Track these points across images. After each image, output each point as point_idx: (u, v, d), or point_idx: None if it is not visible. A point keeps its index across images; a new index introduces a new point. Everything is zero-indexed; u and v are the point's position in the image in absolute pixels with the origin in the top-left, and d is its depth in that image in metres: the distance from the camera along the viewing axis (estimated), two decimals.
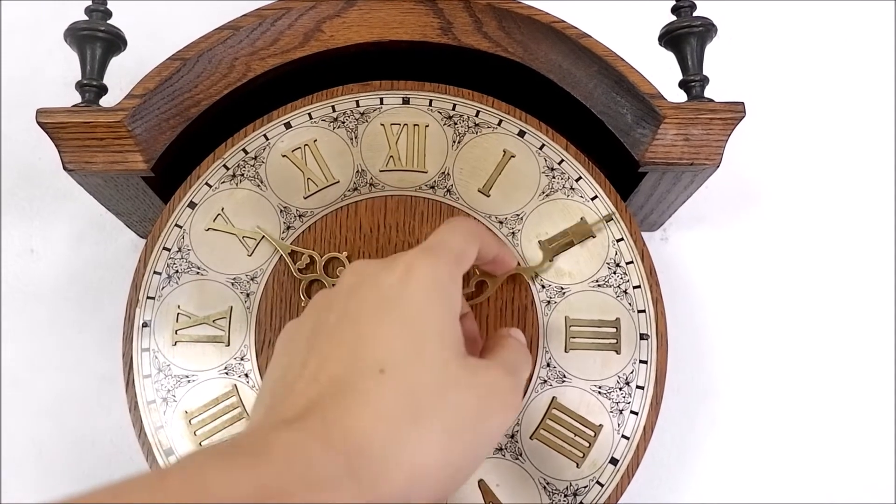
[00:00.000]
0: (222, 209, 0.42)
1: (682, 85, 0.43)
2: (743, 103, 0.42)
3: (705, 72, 0.43)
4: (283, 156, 0.43)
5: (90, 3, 0.43)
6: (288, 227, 0.42)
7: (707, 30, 0.43)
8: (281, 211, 0.42)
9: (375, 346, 0.28)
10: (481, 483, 0.39)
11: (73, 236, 0.52)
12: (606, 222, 0.41)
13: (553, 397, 0.40)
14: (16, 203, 0.53)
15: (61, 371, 0.51)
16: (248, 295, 0.41)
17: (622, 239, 0.42)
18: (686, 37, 0.43)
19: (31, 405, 0.51)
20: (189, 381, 0.40)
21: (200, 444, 0.39)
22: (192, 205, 0.42)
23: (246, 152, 0.43)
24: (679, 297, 0.49)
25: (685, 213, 0.51)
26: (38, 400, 0.51)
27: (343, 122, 0.43)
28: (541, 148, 0.43)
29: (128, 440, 0.50)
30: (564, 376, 0.40)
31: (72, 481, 0.50)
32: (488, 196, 0.42)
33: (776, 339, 0.53)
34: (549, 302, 0.41)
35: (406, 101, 0.43)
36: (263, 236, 0.41)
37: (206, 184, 0.42)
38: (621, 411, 0.40)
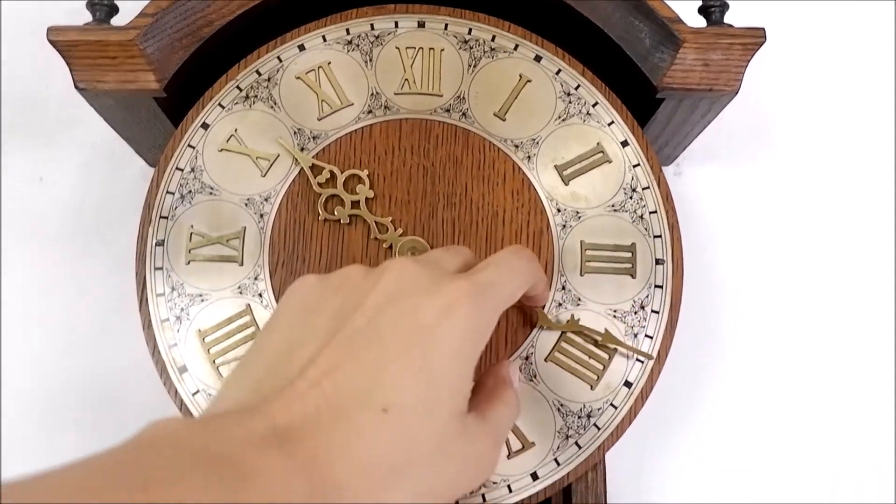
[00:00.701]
0: (235, 130, 0.41)
1: (702, 11, 0.43)
2: (763, 29, 0.41)
3: None
4: (297, 77, 0.42)
5: None
6: (302, 149, 0.41)
7: None
8: (294, 133, 0.41)
9: (390, 380, 0.26)
10: None
11: (81, 165, 0.52)
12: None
13: (568, 320, 0.40)
14: (24, 131, 0.52)
15: (70, 298, 0.51)
16: (261, 215, 0.40)
17: (638, 164, 0.42)
18: None
19: (41, 332, 0.51)
20: (202, 300, 0.40)
21: (214, 362, 0.39)
22: (204, 125, 0.41)
23: (259, 74, 0.42)
24: (691, 231, 0.49)
25: (699, 147, 0.51)
26: (47, 326, 0.51)
27: (357, 45, 0.43)
28: (557, 73, 0.42)
29: (139, 366, 0.50)
30: (579, 299, 0.40)
31: (82, 409, 0.50)
32: (504, 120, 0.42)
33: (786, 274, 0.53)
34: (564, 226, 0.41)
35: (421, 25, 0.43)
36: (278, 156, 0.41)
37: (219, 105, 0.42)
38: (636, 335, 0.40)
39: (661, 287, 0.40)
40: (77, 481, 0.20)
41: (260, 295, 0.40)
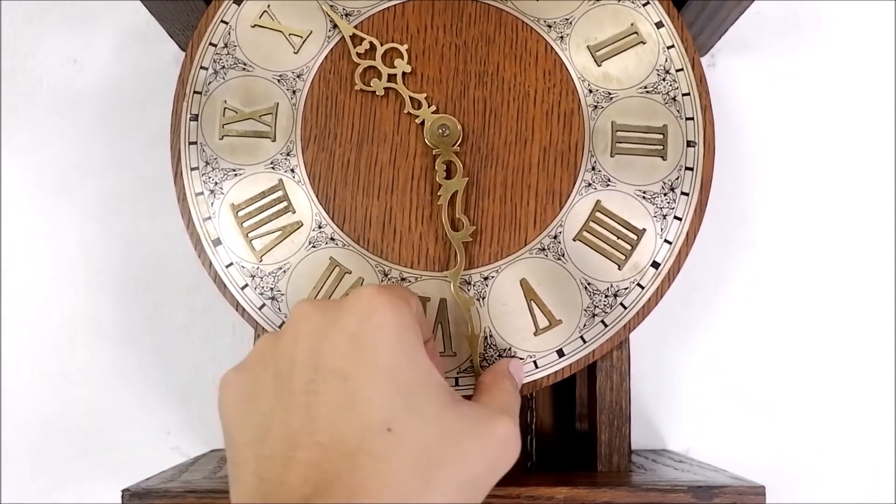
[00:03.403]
0: (268, 6, 0.41)
1: None
2: None
3: None
4: None
5: None
6: (334, 26, 0.41)
7: None
8: (329, 8, 0.41)
9: (373, 403, 0.27)
10: (523, 282, 0.40)
11: (114, 47, 0.52)
12: None
13: (597, 200, 0.40)
14: (57, 12, 0.53)
15: (106, 176, 0.52)
16: (293, 92, 0.41)
17: (673, 46, 0.41)
18: None
19: (78, 210, 0.52)
20: (236, 175, 0.40)
21: (248, 235, 0.40)
22: (237, 1, 0.41)
23: None
24: (724, 123, 0.48)
25: (733, 38, 0.50)
26: (84, 203, 0.52)
27: None
28: None
29: (174, 242, 0.51)
30: (609, 180, 0.40)
31: (121, 281, 0.52)
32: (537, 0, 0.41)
33: (818, 168, 0.53)
34: (595, 106, 0.41)
35: None
36: (311, 32, 0.41)
37: None
38: (665, 216, 0.40)
39: (691, 169, 0.40)
40: None
41: (292, 170, 0.40)
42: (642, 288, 0.40)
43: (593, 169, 0.40)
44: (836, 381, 0.52)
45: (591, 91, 0.41)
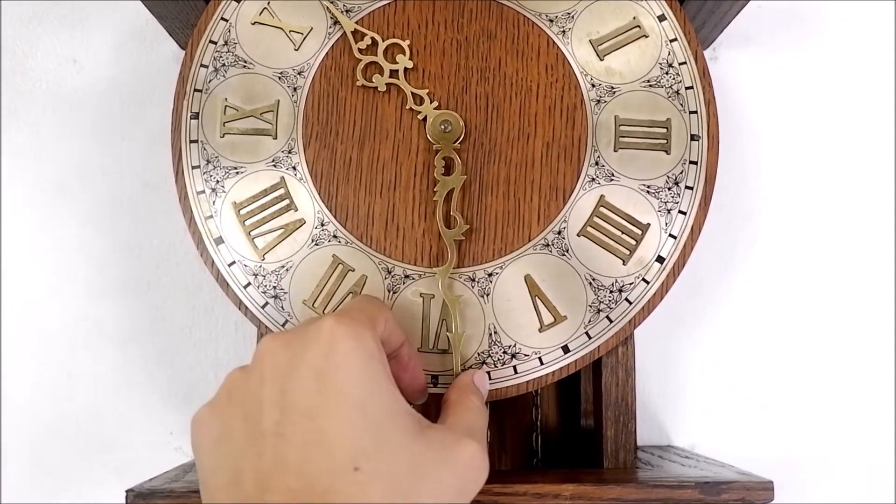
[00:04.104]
0: (268, 3, 0.41)
1: None
2: None
3: None
4: None
5: None
6: (335, 23, 0.41)
7: None
8: (327, 6, 0.41)
9: (340, 441, 0.27)
10: (528, 278, 0.39)
11: (114, 47, 0.52)
12: None
13: (601, 195, 0.40)
14: (57, 13, 0.53)
15: (106, 178, 0.52)
16: (295, 89, 0.40)
17: (676, 39, 0.41)
18: None
19: (78, 211, 0.52)
20: (237, 173, 0.40)
21: (250, 233, 0.39)
22: None
23: None
24: (727, 116, 0.48)
25: (736, 31, 0.50)
26: (84, 204, 0.52)
27: None
28: None
29: (175, 243, 0.51)
30: (613, 175, 0.40)
31: (121, 285, 0.52)
32: None
33: (821, 162, 0.53)
34: (598, 101, 0.40)
35: None
36: (311, 29, 0.41)
37: None
38: (669, 211, 0.40)
39: (695, 163, 0.40)
40: None
41: (294, 168, 0.40)
42: (647, 283, 0.40)
43: (597, 164, 0.40)
44: (841, 376, 0.52)
45: (593, 85, 0.40)
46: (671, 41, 0.41)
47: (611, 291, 0.39)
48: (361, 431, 0.27)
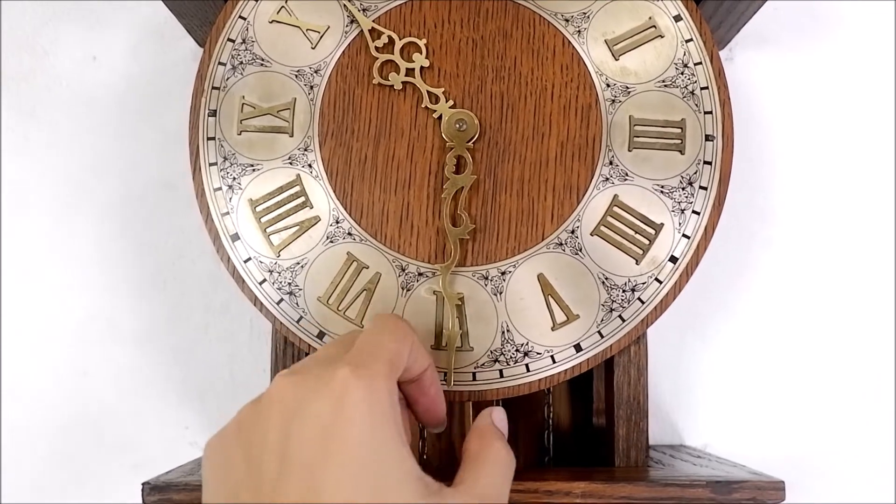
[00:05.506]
0: (286, 2, 0.41)
1: None
2: None
3: None
4: None
5: None
6: (352, 21, 0.41)
7: None
8: (345, 4, 0.41)
9: (335, 500, 0.26)
10: (541, 277, 0.39)
11: (133, 45, 0.53)
12: None
13: (615, 195, 0.40)
14: (77, 11, 0.53)
15: (125, 173, 0.53)
16: (311, 87, 0.41)
17: (691, 39, 0.41)
18: None
19: (95, 208, 0.53)
20: (254, 170, 0.40)
21: (266, 230, 0.40)
22: None
23: None
24: (742, 117, 0.48)
25: (752, 32, 0.50)
26: (100, 204, 0.53)
27: None
28: None
29: (191, 240, 0.51)
30: (627, 175, 0.40)
31: (137, 283, 0.52)
32: None
33: (837, 163, 0.52)
34: (613, 101, 0.40)
35: None
36: (328, 27, 0.41)
37: None
38: (683, 211, 0.40)
39: (710, 163, 0.40)
40: None
41: (310, 165, 0.40)
42: (660, 283, 0.40)
43: (611, 163, 0.40)
44: (853, 377, 0.51)
45: (608, 85, 0.41)
46: (687, 41, 0.41)
47: (623, 291, 0.40)
48: (361, 494, 0.26)
